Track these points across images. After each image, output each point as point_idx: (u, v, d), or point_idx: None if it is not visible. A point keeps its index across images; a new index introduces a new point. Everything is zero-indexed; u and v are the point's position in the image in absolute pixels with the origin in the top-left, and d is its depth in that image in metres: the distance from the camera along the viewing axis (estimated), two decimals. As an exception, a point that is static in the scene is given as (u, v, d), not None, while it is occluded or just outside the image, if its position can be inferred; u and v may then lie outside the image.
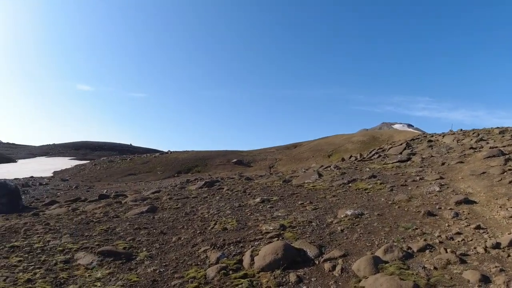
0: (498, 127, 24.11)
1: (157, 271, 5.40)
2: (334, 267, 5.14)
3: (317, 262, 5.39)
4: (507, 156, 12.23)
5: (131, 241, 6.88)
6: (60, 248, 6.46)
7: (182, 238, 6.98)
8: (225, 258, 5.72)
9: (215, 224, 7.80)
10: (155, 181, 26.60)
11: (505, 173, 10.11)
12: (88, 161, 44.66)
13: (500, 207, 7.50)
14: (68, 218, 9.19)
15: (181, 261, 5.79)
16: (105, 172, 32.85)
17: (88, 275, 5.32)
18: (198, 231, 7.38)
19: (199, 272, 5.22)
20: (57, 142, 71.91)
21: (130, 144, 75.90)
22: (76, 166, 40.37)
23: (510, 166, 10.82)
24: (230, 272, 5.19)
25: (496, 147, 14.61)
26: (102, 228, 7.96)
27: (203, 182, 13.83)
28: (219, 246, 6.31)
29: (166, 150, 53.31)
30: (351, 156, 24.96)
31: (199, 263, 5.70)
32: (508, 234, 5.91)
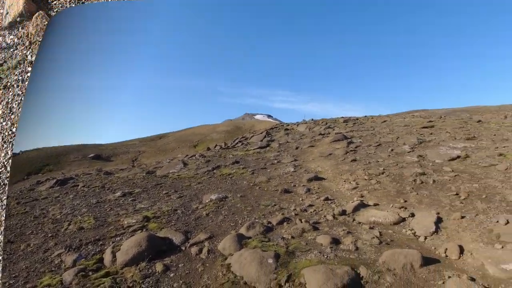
0: (342, 117, 27.77)
1: (6, 284, 4.69)
2: (200, 250, 5.17)
3: (183, 248, 5.35)
4: (349, 140, 14.34)
5: (-33, 257, 5.75)
6: None
7: (32, 245, 6.12)
8: (83, 259, 5.24)
9: (69, 224, 7.03)
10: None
11: (348, 153, 11.89)
12: None
13: (344, 181, 8.85)
14: None
15: (32, 270, 5.09)
16: None
17: None
18: (49, 235, 6.56)
19: (54, 278, 4.68)
20: None
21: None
22: None
23: (351, 148, 12.74)
24: (90, 273, 4.78)
25: (341, 133, 16.83)
26: None
27: (54, 181, 12.35)
28: (75, 247, 5.73)
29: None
30: (216, 145, 25.47)
31: (53, 268, 5.10)
32: (352, 202, 7.03)
